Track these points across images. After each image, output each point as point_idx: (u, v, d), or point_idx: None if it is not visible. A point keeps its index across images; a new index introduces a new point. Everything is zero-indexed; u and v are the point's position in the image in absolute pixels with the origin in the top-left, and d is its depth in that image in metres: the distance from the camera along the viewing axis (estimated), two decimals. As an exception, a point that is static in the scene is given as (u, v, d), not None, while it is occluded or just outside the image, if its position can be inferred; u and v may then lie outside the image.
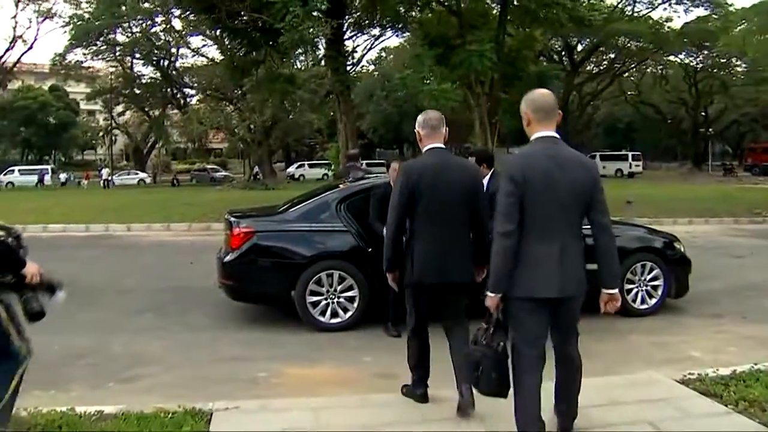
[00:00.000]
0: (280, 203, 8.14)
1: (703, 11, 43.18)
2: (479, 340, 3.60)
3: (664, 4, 42.62)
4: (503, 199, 3.35)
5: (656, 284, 7.28)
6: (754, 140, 59.20)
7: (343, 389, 5.01)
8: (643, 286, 7.25)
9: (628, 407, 4.26)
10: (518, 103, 3.59)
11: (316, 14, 18.95)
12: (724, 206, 20.58)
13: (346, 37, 26.88)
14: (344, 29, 24.48)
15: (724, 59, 49.92)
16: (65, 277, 3.62)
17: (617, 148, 60.27)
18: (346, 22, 24.32)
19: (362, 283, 6.63)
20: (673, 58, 51.56)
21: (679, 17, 72.96)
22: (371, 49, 49.67)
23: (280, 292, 6.84)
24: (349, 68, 31.26)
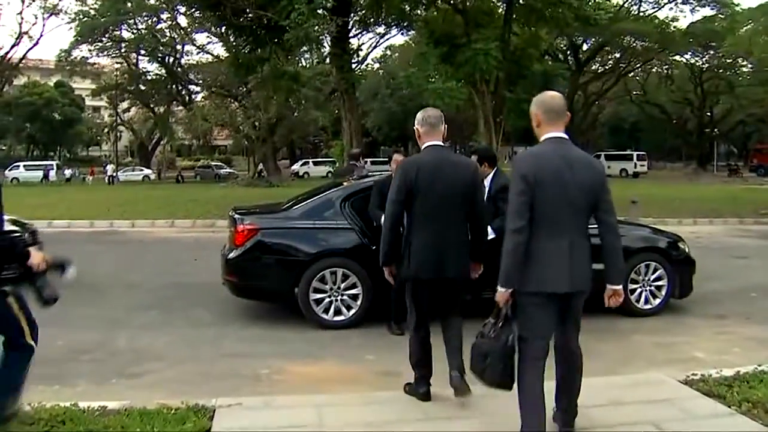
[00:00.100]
0: (284, 200, 8.14)
1: (709, 11, 43.15)
2: (487, 333, 3.64)
3: (670, 3, 42.62)
4: (515, 197, 3.43)
5: (660, 284, 7.25)
6: (759, 141, 58.94)
7: (346, 387, 5.01)
8: (647, 286, 7.22)
9: (630, 407, 4.25)
10: (523, 101, 3.64)
11: (321, 12, 18.96)
12: (729, 207, 20.53)
13: (351, 34, 26.96)
14: (349, 27, 24.54)
15: (730, 59, 49.66)
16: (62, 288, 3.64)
17: (622, 147, 60.09)
18: (351, 19, 24.38)
19: (366, 280, 6.62)
20: (678, 57, 51.47)
21: (685, 17, 72.67)
22: (376, 47, 49.77)
23: (283, 289, 6.84)
24: (354, 66, 31.34)
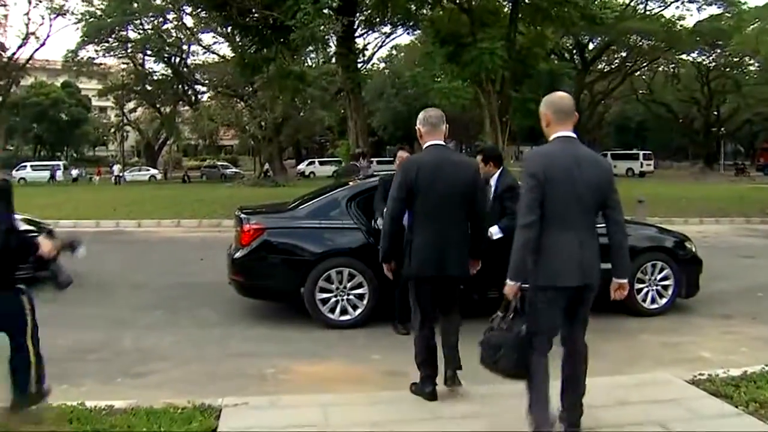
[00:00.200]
0: (290, 200, 8.15)
1: (716, 9, 42.93)
2: (497, 326, 3.71)
3: (676, 2, 42.43)
4: (526, 193, 3.53)
5: (666, 284, 7.23)
6: (766, 140, 58.77)
7: (352, 386, 5.01)
8: (653, 285, 7.20)
9: (637, 407, 4.24)
10: (529, 101, 3.70)
11: (327, 11, 18.99)
12: (735, 206, 20.46)
13: (357, 34, 26.99)
14: (355, 27, 24.56)
15: (737, 58, 49.48)
16: (76, 271, 3.70)
17: (628, 146, 59.86)
18: (357, 19, 24.38)
19: (372, 280, 6.61)
20: (685, 56, 51.23)
21: (691, 15, 72.60)
22: (382, 46, 49.80)
23: (289, 288, 6.84)
24: (359, 66, 31.32)
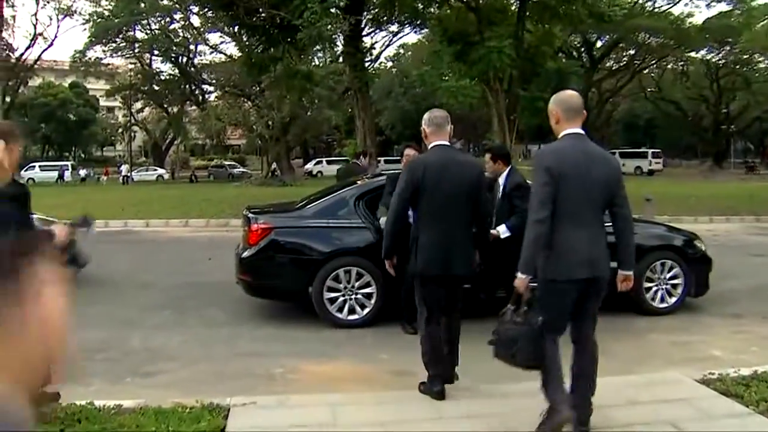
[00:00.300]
0: (298, 199, 8.16)
1: (725, 6, 42.68)
2: (509, 319, 3.77)
3: (685, -1, 42.18)
4: (539, 188, 3.62)
5: (676, 283, 7.20)
6: (776, 137, 58.47)
7: (360, 386, 5.02)
8: (662, 284, 7.17)
9: (647, 407, 4.22)
10: (537, 99, 3.74)
11: (334, 11, 18.95)
12: (745, 204, 20.34)
13: (364, 33, 26.96)
14: (362, 26, 24.52)
15: (746, 55, 49.14)
16: (84, 272, 3.76)
17: (637, 145, 59.58)
18: (364, 18, 24.34)
19: (380, 279, 6.60)
20: (694, 54, 50.94)
21: (700, 12, 72.21)
22: (389, 45, 49.72)
23: (297, 288, 6.85)
24: (367, 65, 31.35)
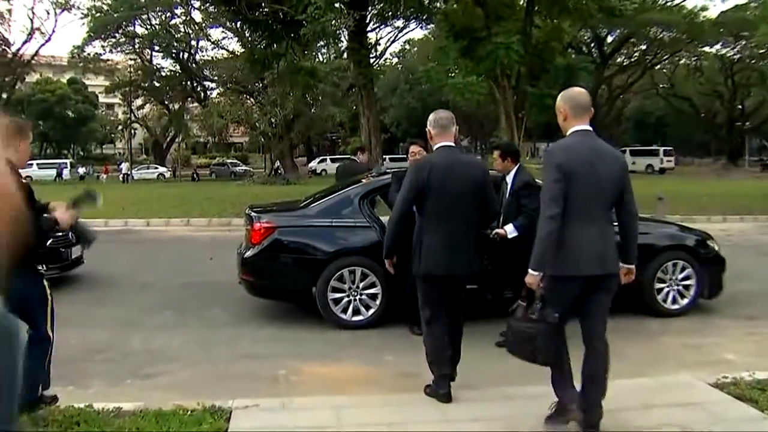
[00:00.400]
0: (301, 198, 8.17)
1: (740, -1, 42.55)
2: (522, 316, 3.83)
3: (698, -9, 42.01)
4: (551, 185, 3.67)
5: (688, 284, 7.16)
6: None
7: (364, 388, 5.02)
8: (674, 285, 7.13)
9: (659, 411, 4.21)
10: (545, 96, 3.78)
11: (338, 5, 18.97)
12: (760, 203, 20.25)
13: (369, 29, 26.92)
14: (367, 21, 24.45)
15: (762, 50, 48.86)
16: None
17: (648, 143, 59.37)
18: (369, 13, 24.27)
19: (385, 280, 6.59)
20: (708, 48, 50.82)
21: (714, 5, 71.91)
22: (395, 41, 49.95)
23: (301, 288, 6.86)
24: (372, 61, 31.30)
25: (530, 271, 3.71)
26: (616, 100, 57.80)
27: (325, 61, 44.14)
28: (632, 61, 54.49)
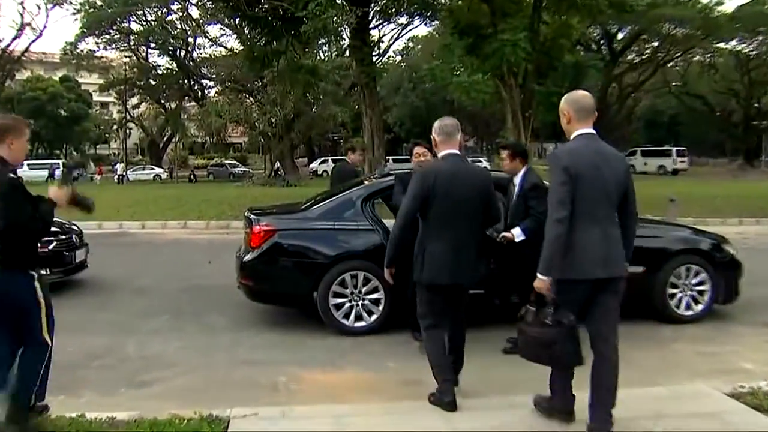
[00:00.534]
0: (302, 200, 8.17)
1: (758, -8, 42.37)
2: (533, 320, 3.93)
3: (714, -14, 41.87)
4: (558, 188, 3.78)
5: (702, 289, 7.14)
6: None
7: (366, 396, 5.02)
8: (687, 290, 7.11)
9: (672, 421, 4.20)
10: (553, 95, 3.83)
11: (340, 2, 18.97)
12: (778, 205, 20.21)
13: (371, 26, 26.95)
14: (370, 17, 24.44)
15: (780, 45, 48.96)
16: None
17: (660, 143, 59.13)
18: (371, 9, 24.26)
19: (388, 284, 6.60)
20: (723, 45, 50.50)
21: (730, 0, 71.48)
22: (398, 38, 50.11)
23: (302, 293, 6.86)
24: (374, 59, 31.34)
25: (539, 275, 3.78)
26: (626, 98, 57.72)
27: (326, 59, 44.21)
28: (643, 58, 54.30)
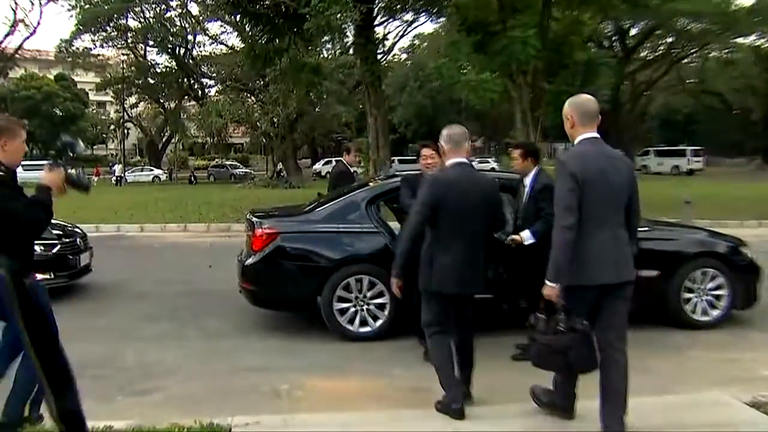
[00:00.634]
0: (305, 203, 8.18)
1: (779, -16, 42.07)
2: (546, 328, 3.95)
3: (731, -21, 41.66)
4: (566, 193, 3.83)
5: (719, 294, 7.11)
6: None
7: (372, 404, 5.02)
8: (703, 295, 7.09)
9: (690, 431, 4.18)
10: (563, 94, 3.85)
11: (344, -2, 18.96)
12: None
13: (376, 23, 26.86)
14: (374, 14, 24.42)
15: (803, 39, 48.64)
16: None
17: (674, 142, 58.96)
18: (376, 6, 24.26)
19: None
20: (741, 40, 50.23)
21: (749, -7, 71.10)
22: (404, 36, 49.78)
23: (305, 297, 6.87)
24: (379, 57, 31.31)
25: (547, 282, 3.82)
26: (639, 97, 57.51)
27: (330, 57, 44.20)
28: (657, 55, 53.98)
